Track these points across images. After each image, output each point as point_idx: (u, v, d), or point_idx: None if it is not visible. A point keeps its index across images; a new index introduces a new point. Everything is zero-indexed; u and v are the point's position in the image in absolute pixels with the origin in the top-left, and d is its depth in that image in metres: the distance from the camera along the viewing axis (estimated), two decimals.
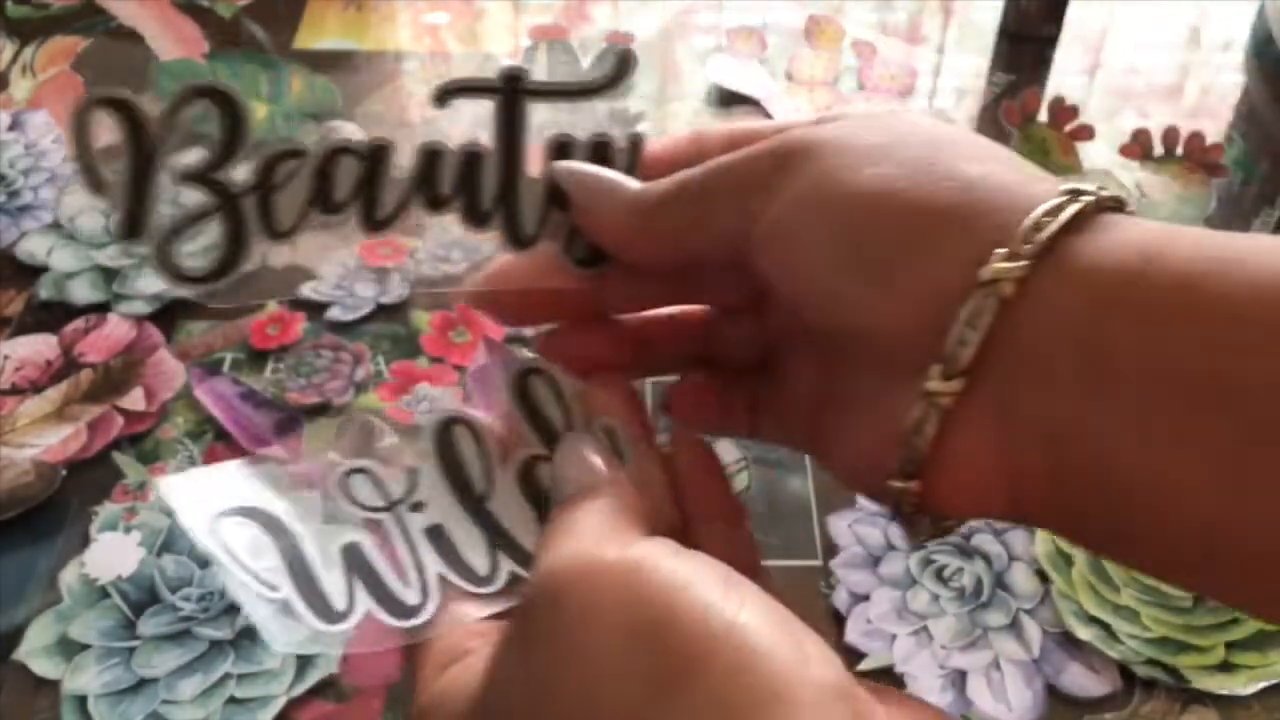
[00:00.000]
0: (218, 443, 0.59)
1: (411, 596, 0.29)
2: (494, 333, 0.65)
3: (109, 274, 0.68)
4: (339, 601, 0.28)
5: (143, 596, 0.52)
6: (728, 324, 0.30)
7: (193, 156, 0.27)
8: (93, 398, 0.61)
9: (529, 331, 0.65)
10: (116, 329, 0.65)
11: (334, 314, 0.66)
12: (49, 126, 0.80)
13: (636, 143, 0.29)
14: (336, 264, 0.69)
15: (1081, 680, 0.51)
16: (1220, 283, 0.21)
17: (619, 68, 0.28)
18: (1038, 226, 0.22)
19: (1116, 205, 0.23)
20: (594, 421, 0.29)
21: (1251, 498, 0.21)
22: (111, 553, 0.54)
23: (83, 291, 0.67)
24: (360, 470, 0.30)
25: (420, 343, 0.65)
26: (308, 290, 0.67)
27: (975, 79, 0.87)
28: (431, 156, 0.28)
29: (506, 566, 0.29)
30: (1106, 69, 0.90)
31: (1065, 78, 0.88)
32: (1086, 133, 0.78)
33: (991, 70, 0.88)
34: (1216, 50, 0.93)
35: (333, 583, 0.28)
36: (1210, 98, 0.88)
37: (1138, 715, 0.50)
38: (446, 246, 0.71)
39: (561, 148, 0.28)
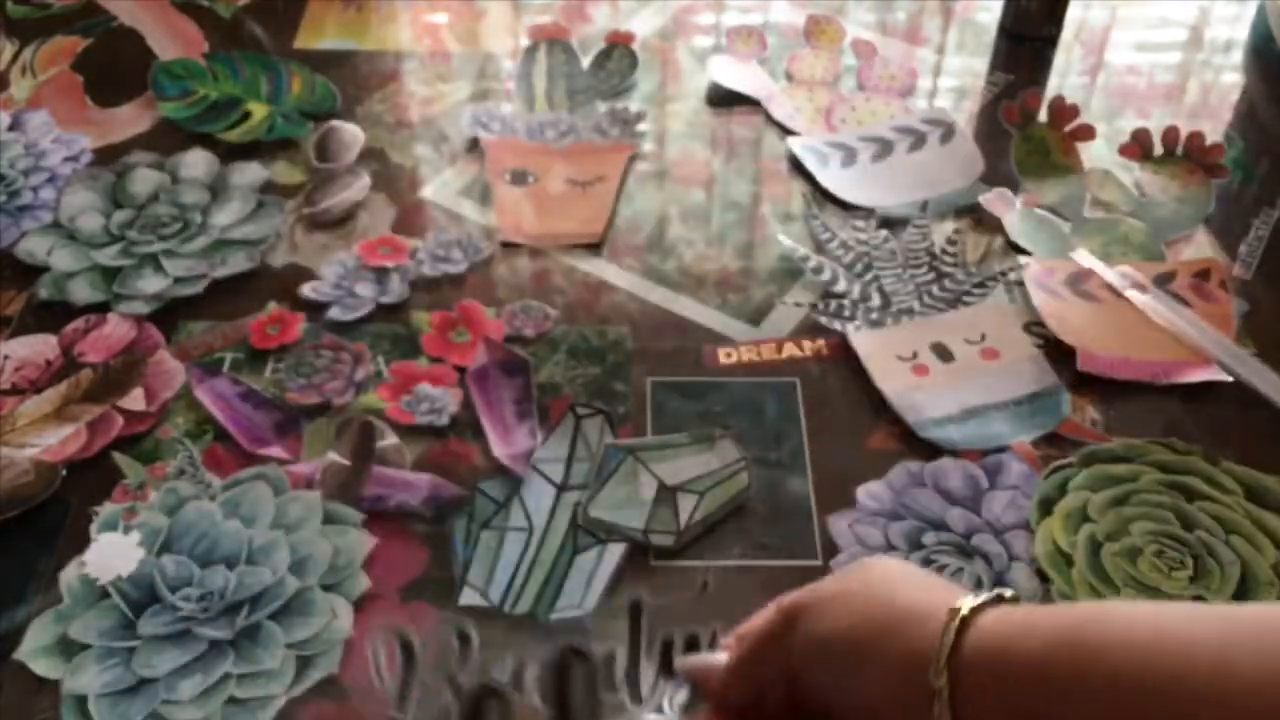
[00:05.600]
0: (218, 443, 0.59)
1: None
2: (494, 332, 0.65)
3: (109, 274, 0.68)
4: None
5: (143, 596, 0.52)
6: None
7: None
8: (93, 398, 0.61)
9: (529, 331, 0.65)
10: (116, 329, 0.65)
11: (334, 314, 0.66)
12: (49, 126, 0.80)
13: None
14: (336, 264, 0.69)
15: None
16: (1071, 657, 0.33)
17: None
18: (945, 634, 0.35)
19: (998, 600, 0.36)
20: None
21: None
22: (111, 553, 0.54)
23: (83, 291, 0.67)
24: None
25: (420, 343, 0.65)
26: (308, 290, 0.67)
27: (975, 79, 0.87)
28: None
29: None
30: (1107, 69, 0.90)
31: (1065, 78, 0.88)
32: (1087, 132, 0.78)
33: (991, 70, 0.88)
34: (1216, 50, 0.93)
35: None
36: (1210, 98, 0.88)
37: None
38: (446, 246, 0.71)
39: (668, 647, 0.50)
